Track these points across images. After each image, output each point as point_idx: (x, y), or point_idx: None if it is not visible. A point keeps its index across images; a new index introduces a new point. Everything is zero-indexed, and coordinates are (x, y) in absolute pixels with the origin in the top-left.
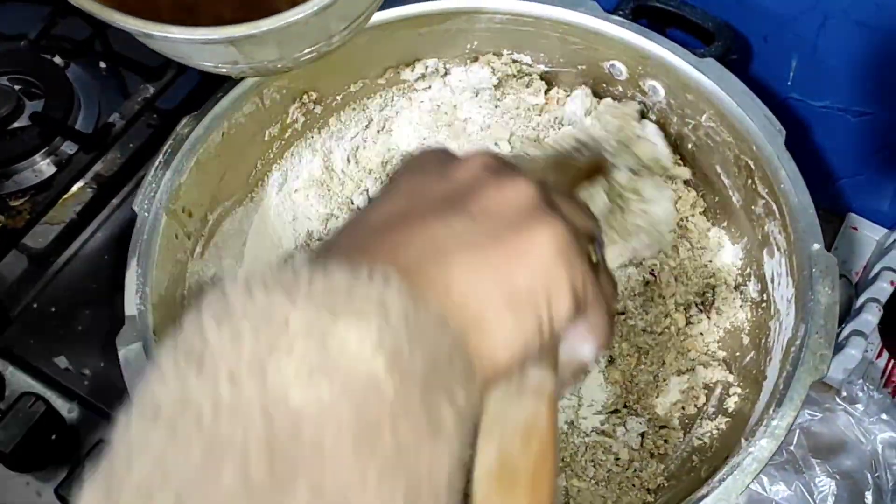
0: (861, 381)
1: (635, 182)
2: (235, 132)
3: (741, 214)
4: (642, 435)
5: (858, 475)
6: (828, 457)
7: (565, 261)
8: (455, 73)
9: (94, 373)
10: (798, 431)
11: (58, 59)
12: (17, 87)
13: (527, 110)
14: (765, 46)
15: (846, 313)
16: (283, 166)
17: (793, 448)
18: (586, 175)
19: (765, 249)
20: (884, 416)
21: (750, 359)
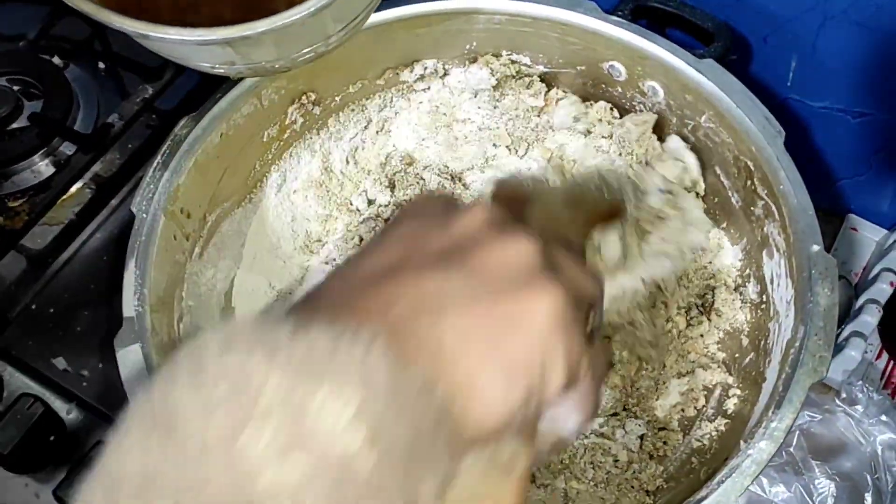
0: (861, 382)
1: (673, 200)
2: (234, 133)
3: (740, 215)
4: (641, 437)
5: (858, 477)
6: (827, 458)
7: (563, 332)
8: (454, 74)
9: (92, 374)
10: (798, 433)
11: (57, 60)
12: (15, 88)
13: (526, 111)
14: (764, 47)
15: (846, 314)
16: (282, 167)
17: (792, 450)
18: (602, 218)
19: (764, 251)
20: (883, 418)
21: (749, 360)
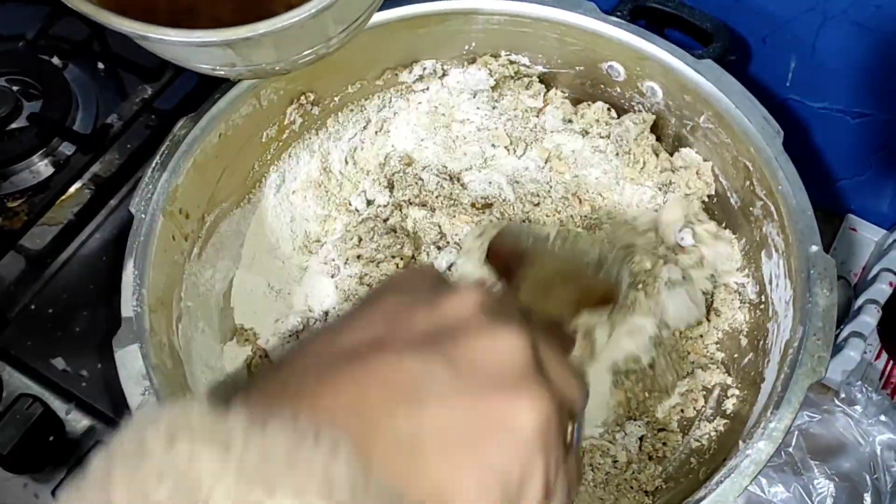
0: (860, 382)
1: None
2: (233, 133)
3: (739, 216)
4: (641, 438)
5: (857, 477)
6: (826, 458)
7: (544, 445)
8: (453, 75)
9: (91, 374)
10: (797, 433)
11: (56, 60)
12: (14, 88)
13: (524, 112)
14: (763, 47)
15: (845, 315)
16: (281, 167)
17: (791, 450)
18: (592, 303)
19: (763, 251)
20: (882, 418)
21: (748, 361)
